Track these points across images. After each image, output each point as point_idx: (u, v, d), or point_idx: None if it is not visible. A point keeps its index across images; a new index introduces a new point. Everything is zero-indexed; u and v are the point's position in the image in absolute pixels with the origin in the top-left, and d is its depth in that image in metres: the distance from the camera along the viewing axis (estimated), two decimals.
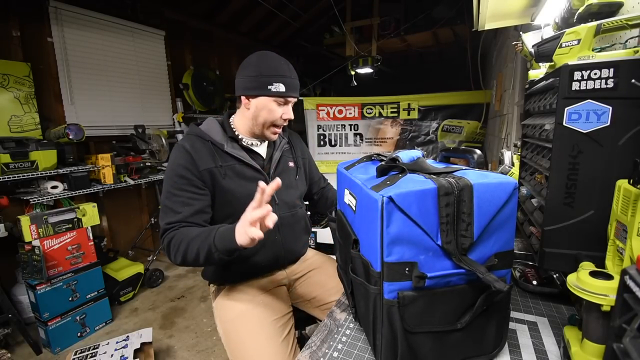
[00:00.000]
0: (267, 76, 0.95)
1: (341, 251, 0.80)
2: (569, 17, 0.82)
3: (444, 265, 0.54)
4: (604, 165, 0.58)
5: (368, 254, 0.58)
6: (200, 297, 2.59)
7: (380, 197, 0.50)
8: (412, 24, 3.94)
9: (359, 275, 0.62)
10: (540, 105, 0.75)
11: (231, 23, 4.08)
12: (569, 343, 0.56)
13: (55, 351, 1.97)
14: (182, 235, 0.87)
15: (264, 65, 0.96)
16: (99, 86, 2.76)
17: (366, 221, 0.58)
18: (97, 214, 2.22)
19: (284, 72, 0.97)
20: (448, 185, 0.51)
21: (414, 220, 0.51)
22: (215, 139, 0.99)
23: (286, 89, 0.96)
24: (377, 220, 0.51)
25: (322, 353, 0.65)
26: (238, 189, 0.98)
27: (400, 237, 0.51)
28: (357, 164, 0.78)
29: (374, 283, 0.56)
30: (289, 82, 0.97)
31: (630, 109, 0.55)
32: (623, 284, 0.37)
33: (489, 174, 0.56)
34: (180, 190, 0.93)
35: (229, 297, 1.01)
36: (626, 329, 0.35)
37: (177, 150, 0.97)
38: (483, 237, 0.54)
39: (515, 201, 0.55)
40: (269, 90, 0.95)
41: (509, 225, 0.56)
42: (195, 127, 1.03)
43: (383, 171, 0.62)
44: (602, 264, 0.58)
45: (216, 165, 0.96)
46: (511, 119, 2.12)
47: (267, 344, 0.90)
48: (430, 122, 3.96)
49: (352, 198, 0.67)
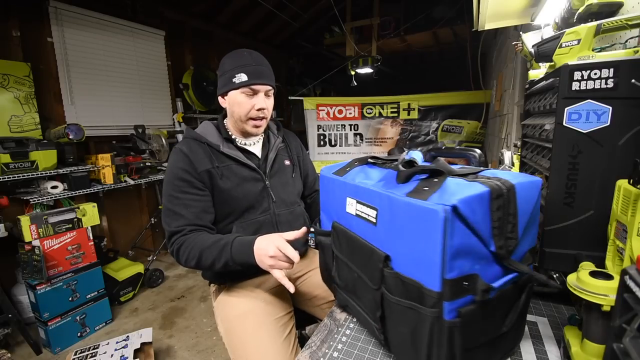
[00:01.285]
0: (230, 70, 0.96)
1: (343, 270, 0.71)
2: (569, 17, 0.82)
3: (495, 272, 0.51)
4: (604, 165, 0.58)
5: (414, 272, 0.51)
6: (200, 297, 2.59)
7: (440, 207, 0.44)
8: (412, 24, 3.94)
9: (402, 297, 0.53)
10: (540, 105, 0.75)
11: (231, 23, 4.08)
12: (569, 343, 0.56)
13: (55, 351, 1.97)
14: (193, 243, 0.89)
15: (228, 61, 0.99)
16: (99, 86, 2.76)
17: (407, 234, 0.51)
18: (97, 214, 2.22)
19: (244, 62, 0.96)
20: (498, 187, 0.48)
21: (474, 228, 0.47)
22: (211, 140, 1.01)
23: (249, 77, 0.95)
24: (438, 233, 0.45)
25: (322, 353, 0.65)
26: (235, 188, 0.99)
27: (461, 249, 0.47)
28: (349, 168, 0.71)
29: (430, 305, 0.48)
30: (251, 69, 0.95)
31: (630, 109, 0.55)
32: (623, 284, 0.37)
33: (515, 173, 0.55)
34: (182, 193, 0.94)
35: (230, 296, 1.02)
36: (626, 329, 0.35)
37: (175, 154, 0.98)
38: (523, 236, 0.54)
39: (539, 200, 0.56)
40: (233, 84, 0.96)
41: (537, 222, 0.57)
42: (191, 131, 1.05)
43: (409, 176, 0.55)
44: (602, 264, 0.58)
45: (213, 166, 0.98)
46: (511, 119, 2.12)
47: (268, 343, 0.90)
48: (430, 122, 3.96)
49: (365, 208, 0.60)
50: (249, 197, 1.01)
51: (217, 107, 3.76)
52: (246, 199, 1.00)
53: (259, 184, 1.04)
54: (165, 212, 0.96)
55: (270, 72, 1.02)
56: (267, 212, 1.05)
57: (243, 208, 1.01)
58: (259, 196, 1.03)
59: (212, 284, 1.11)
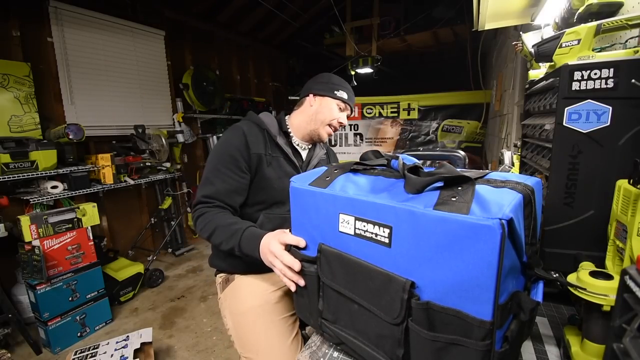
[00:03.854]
0: (336, 85, 1.12)
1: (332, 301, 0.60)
2: (569, 17, 0.82)
3: (521, 282, 0.46)
4: (604, 165, 0.58)
5: (457, 301, 0.42)
6: (200, 297, 2.59)
7: (493, 221, 0.37)
8: (412, 24, 3.94)
9: (439, 332, 0.44)
10: (540, 105, 0.75)
11: (231, 23, 4.08)
12: (569, 343, 0.56)
13: (55, 351, 1.97)
14: (212, 217, 0.94)
15: (335, 79, 1.14)
16: (99, 86, 2.76)
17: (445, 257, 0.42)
18: (97, 214, 2.22)
19: (347, 87, 1.14)
20: (527, 193, 0.43)
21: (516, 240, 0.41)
22: (270, 129, 1.07)
23: (348, 97, 1.13)
24: (493, 253, 0.38)
25: (322, 353, 0.65)
26: (276, 180, 1.04)
27: (510, 267, 0.41)
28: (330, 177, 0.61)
29: (481, 337, 0.41)
30: (350, 95, 1.14)
31: (630, 109, 0.55)
32: (623, 284, 0.37)
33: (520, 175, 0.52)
34: (225, 168, 0.99)
35: (239, 289, 1.03)
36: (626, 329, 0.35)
37: (234, 131, 1.03)
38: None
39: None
40: (334, 94, 1.10)
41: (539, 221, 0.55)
42: (255, 115, 1.11)
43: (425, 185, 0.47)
44: (602, 264, 0.58)
45: (266, 153, 1.04)
46: (511, 119, 2.12)
47: (279, 341, 0.92)
48: (430, 122, 3.96)
49: (372, 226, 0.50)
50: (285, 193, 1.04)
51: (217, 107, 3.77)
52: (282, 193, 1.05)
53: None
54: (203, 180, 1.01)
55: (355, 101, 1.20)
56: None
57: (275, 200, 1.05)
58: None
59: (220, 273, 1.11)
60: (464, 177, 0.45)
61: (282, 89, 5.27)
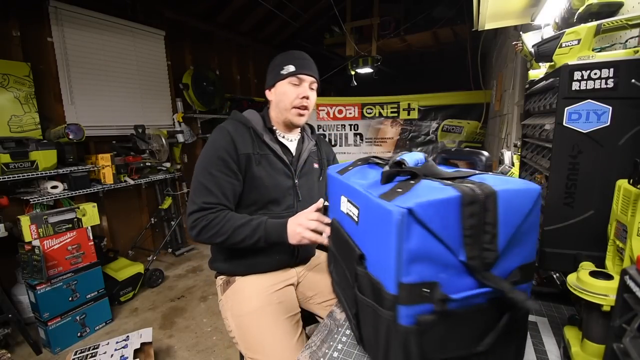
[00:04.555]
0: (279, 64, 1.05)
1: (337, 265, 0.73)
2: (569, 17, 0.82)
3: (466, 284, 0.48)
4: (604, 165, 0.58)
5: (379, 272, 0.50)
6: (200, 297, 2.59)
7: (396, 209, 0.43)
8: (412, 24, 3.94)
9: (367, 296, 0.54)
10: (540, 105, 0.75)
11: (231, 23, 4.08)
12: (569, 343, 0.56)
13: (55, 351, 1.97)
14: (225, 220, 0.94)
15: (279, 57, 1.08)
16: (99, 86, 2.76)
17: (375, 235, 0.51)
18: (97, 214, 2.22)
19: (293, 57, 1.06)
20: (472, 193, 0.45)
21: (436, 234, 0.44)
22: (256, 127, 1.05)
23: (296, 68, 1.03)
24: (393, 236, 0.44)
25: (322, 353, 0.65)
26: (267, 178, 1.03)
27: (420, 254, 0.45)
28: (352, 167, 0.71)
29: (387, 307, 0.48)
30: (298, 62, 1.04)
31: (630, 109, 0.55)
32: (623, 284, 0.37)
33: (509, 179, 0.51)
34: (217, 171, 0.97)
35: (240, 291, 1.02)
36: (626, 329, 0.35)
37: (220, 132, 1.01)
38: (507, 249, 0.48)
39: (539, 209, 0.49)
40: (281, 75, 1.04)
41: (533, 235, 0.50)
42: (239, 114, 1.09)
43: (390, 177, 0.54)
44: (602, 264, 0.58)
45: (254, 152, 1.02)
46: (511, 119, 2.13)
47: (285, 340, 0.92)
48: (430, 122, 3.96)
49: (352, 207, 0.60)
50: (277, 190, 1.05)
51: (217, 107, 3.77)
52: (275, 190, 1.04)
53: (289, 180, 1.07)
54: (196, 185, 0.98)
55: (315, 68, 1.09)
56: (290, 210, 1.07)
57: (269, 199, 1.04)
58: (286, 192, 1.07)
59: (220, 275, 1.11)
60: (414, 173, 0.52)
61: None
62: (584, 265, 0.57)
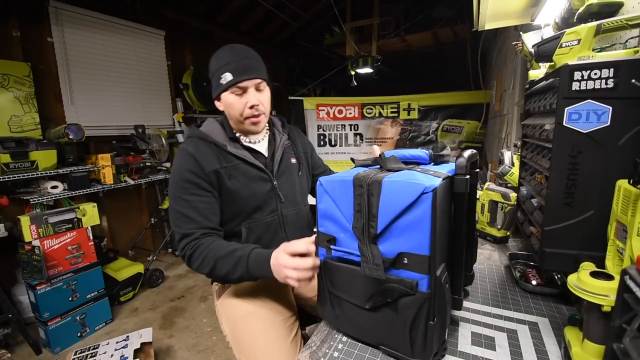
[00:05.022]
0: (216, 71, 0.94)
1: None
2: (569, 17, 0.82)
3: (355, 247, 0.62)
4: (604, 165, 0.58)
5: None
6: (200, 297, 2.59)
7: (317, 181, 0.65)
8: (412, 24, 3.94)
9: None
10: (540, 105, 0.75)
11: (231, 23, 4.07)
12: (570, 343, 0.56)
13: (55, 351, 1.97)
14: (208, 249, 0.87)
15: (213, 62, 0.96)
16: (99, 86, 2.76)
17: None
18: (97, 214, 2.22)
19: (227, 60, 0.92)
20: (361, 179, 0.58)
21: (336, 203, 0.63)
22: (217, 140, 0.98)
23: (234, 75, 0.91)
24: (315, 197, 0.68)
25: (322, 353, 0.65)
26: (243, 189, 0.97)
27: (326, 214, 0.65)
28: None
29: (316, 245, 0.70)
30: (233, 66, 0.91)
31: (630, 109, 0.55)
32: (623, 284, 0.37)
33: (417, 174, 0.57)
34: (189, 195, 0.92)
35: (234, 296, 1.01)
36: (626, 329, 0.35)
37: (181, 155, 0.95)
38: (392, 233, 0.57)
39: (426, 207, 0.53)
40: (221, 85, 0.93)
41: (422, 230, 0.54)
42: (197, 130, 1.01)
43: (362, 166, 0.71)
44: (602, 264, 0.58)
45: (221, 166, 0.95)
46: (511, 119, 2.12)
47: (277, 342, 0.90)
48: (430, 122, 3.95)
49: None
50: (257, 197, 0.99)
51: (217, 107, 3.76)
52: (254, 199, 0.99)
53: (267, 184, 1.01)
54: (173, 214, 0.94)
55: (257, 64, 0.97)
56: (274, 213, 1.03)
57: (251, 209, 0.99)
58: (266, 196, 1.01)
59: (215, 282, 1.10)
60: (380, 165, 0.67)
61: (282, 89, 5.27)
62: (585, 265, 0.57)
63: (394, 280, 0.57)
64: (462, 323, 0.73)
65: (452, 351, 0.64)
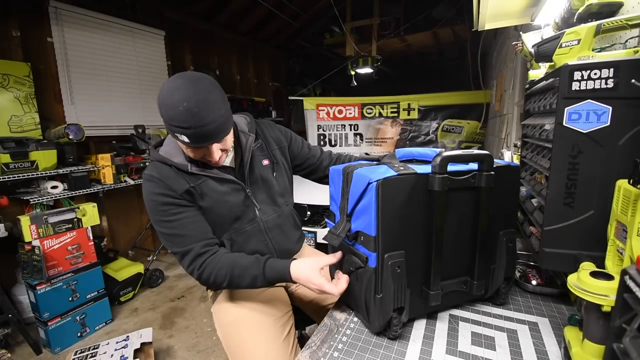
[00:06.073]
0: (169, 122, 0.79)
1: None
2: (569, 17, 0.82)
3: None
4: (604, 165, 0.58)
5: None
6: (200, 297, 2.59)
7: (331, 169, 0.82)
8: (412, 24, 3.94)
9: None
10: (540, 105, 0.75)
11: (231, 23, 4.07)
12: (570, 343, 0.56)
13: (55, 351, 1.97)
14: (218, 267, 0.87)
15: (163, 108, 0.79)
16: (99, 86, 2.76)
17: None
18: (97, 214, 2.22)
19: (184, 124, 0.77)
20: (347, 169, 0.72)
21: (335, 187, 0.78)
22: (176, 162, 0.90)
23: (191, 141, 0.80)
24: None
25: (323, 353, 0.65)
26: (217, 205, 0.93)
27: (332, 196, 0.81)
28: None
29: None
30: (191, 133, 0.78)
31: (630, 109, 0.55)
32: (623, 284, 0.37)
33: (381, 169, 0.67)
34: (172, 216, 0.88)
35: (227, 301, 1.01)
36: (626, 329, 0.35)
37: (148, 182, 0.89)
38: (356, 214, 0.70)
39: (371, 195, 0.64)
40: (177, 137, 0.81)
41: (368, 214, 0.65)
42: (157, 154, 0.93)
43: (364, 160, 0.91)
44: (602, 264, 0.58)
45: (190, 186, 0.90)
46: (511, 119, 2.12)
47: (267, 344, 0.90)
48: (430, 122, 3.95)
49: None
50: (233, 210, 0.96)
51: None
52: (231, 212, 0.95)
53: (240, 193, 0.96)
54: (164, 239, 0.90)
55: (219, 126, 0.81)
56: (253, 221, 0.99)
57: (230, 220, 0.96)
58: (242, 206, 0.97)
59: (210, 288, 1.09)
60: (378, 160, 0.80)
61: (282, 89, 5.28)
62: (585, 265, 0.57)
63: (354, 252, 0.72)
64: (462, 323, 0.73)
65: (452, 351, 0.64)
